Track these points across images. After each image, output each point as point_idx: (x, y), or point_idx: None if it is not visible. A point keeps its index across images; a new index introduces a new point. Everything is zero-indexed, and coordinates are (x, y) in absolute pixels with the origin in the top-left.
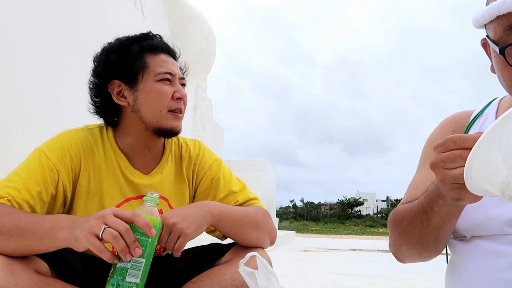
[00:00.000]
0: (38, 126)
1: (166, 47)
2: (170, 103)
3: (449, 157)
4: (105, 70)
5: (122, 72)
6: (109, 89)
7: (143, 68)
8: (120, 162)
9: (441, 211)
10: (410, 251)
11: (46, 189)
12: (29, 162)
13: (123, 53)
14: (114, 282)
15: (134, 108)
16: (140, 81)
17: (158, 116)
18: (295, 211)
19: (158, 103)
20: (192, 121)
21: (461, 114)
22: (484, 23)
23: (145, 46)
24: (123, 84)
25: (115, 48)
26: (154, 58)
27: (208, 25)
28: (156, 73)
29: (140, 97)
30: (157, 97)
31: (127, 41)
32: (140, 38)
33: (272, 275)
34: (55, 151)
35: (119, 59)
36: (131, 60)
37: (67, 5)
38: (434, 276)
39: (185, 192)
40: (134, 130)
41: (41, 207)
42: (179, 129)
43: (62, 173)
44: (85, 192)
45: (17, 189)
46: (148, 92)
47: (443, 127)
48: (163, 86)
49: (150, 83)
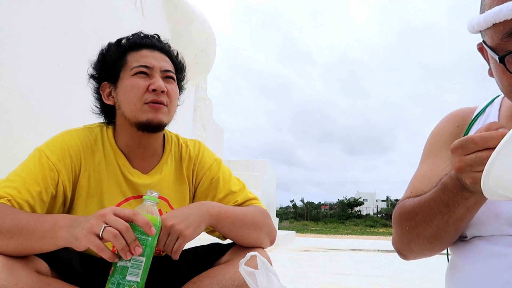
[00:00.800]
0: (38, 126)
1: (149, 42)
2: (145, 96)
3: (476, 161)
4: (95, 73)
5: (107, 73)
6: (101, 91)
7: (122, 66)
8: (120, 162)
9: (467, 203)
10: (422, 245)
11: (46, 189)
12: (29, 162)
13: (107, 55)
14: (115, 281)
15: (117, 105)
16: (119, 79)
17: (133, 109)
18: (295, 211)
19: (132, 97)
20: (192, 121)
21: (465, 110)
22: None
23: (126, 45)
24: (111, 85)
25: (102, 51)
26: (134, 54)
27: (208, 25)
28: (131, 67)
29: (119, 93)
30: (131, 91)
31: (114, 43)
32: (126, 38)
33: (273, 274)
34: (55, 151)
35: (103, 62)
36: (113, 60)
37: (67, 5)
38: (434, 276)
39: (185, 193)
40: (124, 128)
41: (41, 207)
42: (159, 120)
43: (62, 173)
44: (85, 192)
45: (17, 189)
46: (124, 87)
47: (448, 121)
48: (136, 79)
49: (126, 78)
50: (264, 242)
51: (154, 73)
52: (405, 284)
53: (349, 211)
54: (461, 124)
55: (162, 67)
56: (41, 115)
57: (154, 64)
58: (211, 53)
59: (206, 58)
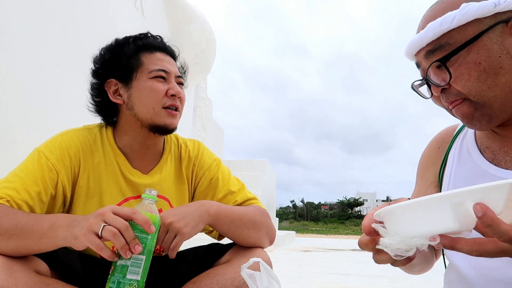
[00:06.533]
0: (38, 126)
1: (162, 45)
2: (164, 100)
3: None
4: (101, 69)
5: (118, 70)
6: (106, 87)
7: (137, 66)
8: (119, 162)
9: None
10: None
11: (45, 190)
12: (28, 162)
13: (119, 52)
14: (115, 279)
15: (129, 105)
16: (134, 79)
17: (151, 112)
18: (295, 211)
19: (151, 100)
20: (192, 121)
21: (448, 130)
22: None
23: (140, 44)
24: (118, 83)
25: (111, 47)
26: (149, 56)
27: (208, 25)
28: (149, 70)
29: (134, 94)
30: (150, 94)
31: (123, 40)
32: (137, 38)
33: (275, 281)
34: (54, 151)
35: (114, 58)
36: (126, 58)
37: (67, 5)
38: (434, 276)
39: (185, 192)
40: (131, 128)
41: (40, 207)
42: (174, 126)
43: (62, 173)
44: (84, 192)
45: (16, 189)
46: (142, 89)
47: (431, 144)
48: (156, 83)
49: (144, 80)
50: (264, 242)
51: (170, 78)
52: (404, 284)
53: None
54: (442, 145)
55: (176, 72)
56: (41, 115)
57: (170, 69)
58: (211, 53)
59: (206, 58)
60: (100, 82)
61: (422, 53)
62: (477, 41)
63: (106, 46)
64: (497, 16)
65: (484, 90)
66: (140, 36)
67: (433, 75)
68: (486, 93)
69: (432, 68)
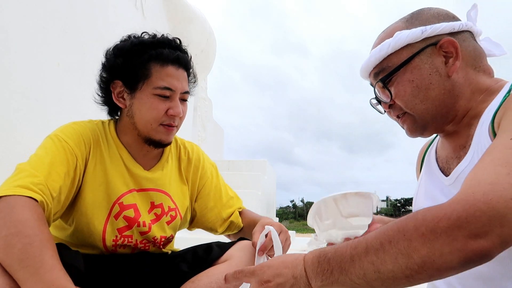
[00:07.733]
0: (38, 126)
1: (176, 58)
2: (163, 118)
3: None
4: (110, 69)
5: (126, 75)
6: (111, 87)
7: (145, 77)
8: (123, 155)
9: None
10: None
11: (69, 172)
12: (48, 147)
13: (130, 58)
14: None
15: (129, 113)
16: (139, 90)
17: (148, 128)
18: (295, 211)
19: (149, 117)
20: (192, 121)
21: (425, 143)
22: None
23: (153, 54)
24: (124, 87)
25: (124, 50)
26: (160, 69)
27: (208, 25)
28: (155, 85)
29: (135, 104)
30: (149, 111)
31: (137, 46)
32: (152, 44)
33: None
34: (71, 137)
35: (125, 63)
36: (137, 66)
37: (67, 5)
38: None
39: (185, 192)
40: (130, 132)
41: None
42: (169, 141)
43: (79, 158)
44: (91, 180)
45: (45, 176)
46: (143, 103)
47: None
48: (157, 101)
49: (146, 94)
50: None
51: (174, 96)
52: None
53: None
54: (419, 156)
55: (182, 89)
56: (42, 115)
57: (177, 87)
58: (211, 53)
59: (206, 58)
60: (106, 80)
61: (371, 75)
62: (410, 62)
63: (121, 45)
64: (427, 40)
65: (417, 103)
66: (156, 42)
67: (381, 93)
68: (419, 106)
69: (379, 87)
